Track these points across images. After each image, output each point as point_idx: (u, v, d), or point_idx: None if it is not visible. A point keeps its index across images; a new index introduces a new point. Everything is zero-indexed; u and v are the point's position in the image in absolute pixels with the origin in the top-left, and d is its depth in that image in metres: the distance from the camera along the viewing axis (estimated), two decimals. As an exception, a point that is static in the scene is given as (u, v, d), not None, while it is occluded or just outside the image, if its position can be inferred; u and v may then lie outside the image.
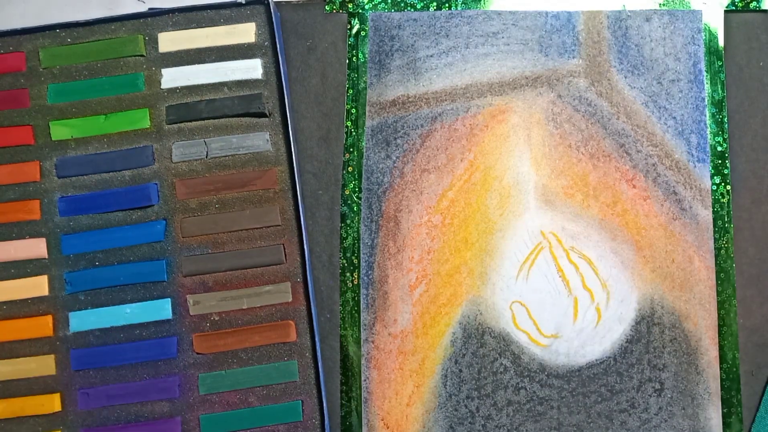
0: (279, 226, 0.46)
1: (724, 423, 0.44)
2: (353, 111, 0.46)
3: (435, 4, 0.47)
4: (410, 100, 0.46)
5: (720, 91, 0.46)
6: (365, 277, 0.45)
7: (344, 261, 0.46)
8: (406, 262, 0.45)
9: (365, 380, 0.45)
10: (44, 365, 0.45)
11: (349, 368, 0.45)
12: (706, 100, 0.46)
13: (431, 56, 0.46)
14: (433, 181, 0.45)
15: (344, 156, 0.46)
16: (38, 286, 0.45)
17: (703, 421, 0.44)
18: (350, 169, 0.46)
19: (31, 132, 0.46)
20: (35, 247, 0.46)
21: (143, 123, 0.46)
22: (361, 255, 0.45)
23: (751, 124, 0.46)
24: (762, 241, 0.45)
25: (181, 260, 0.45)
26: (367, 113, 0.46)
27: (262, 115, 0.46)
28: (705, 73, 0.46)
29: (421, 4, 0.46)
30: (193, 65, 0.46)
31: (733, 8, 0.46)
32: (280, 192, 0.46)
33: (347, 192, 0.46)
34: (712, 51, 0.46)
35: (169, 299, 0.45)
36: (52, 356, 0.45)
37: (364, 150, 0.46)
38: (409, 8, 0.47)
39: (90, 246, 0.46)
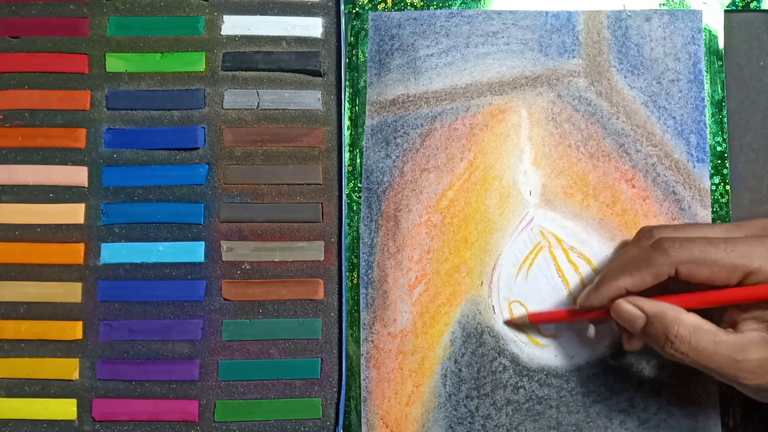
0: (320, 185, 0.46)
1: (723, 423, 0.44)
2: (353, 110, 0.46)
3: (435, 3, 0.47)
4: (410, 99, 0.46)
5: (720, 91, 0.46)
6: (365, 277, 0.45)
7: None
8: (406, 261, 0.45)
9: (364, 380, 0.45)
10: (71, 292, 0.45)
11: (348, 367, 0.45)
12: (705, 100, 0.46)
13: (431, 55, 0.46)
14: (433, 180, 0.45)
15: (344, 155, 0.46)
16: (74, 213, 0.46)
17: (702, 421, 0.44)
18: (350, 168, 0.46)
19: (87, 61, 0.47)
20: (76, 175, 0.46)
21: (198, 66, 0.47)
22: (361, 254, 0.45)
23: (751, 124, 0.46)
24: (761, 241, 0.45)
25: (220, 206, 0.46)
26: (366, 112, 0.46)
27: (317, 73, 0.46)
28: (705, 73, 0.46)
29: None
30: (255, 15, 0.47)
31: (734, 8, 0.46)
32: (325, 152, 0.46)
33: (347, 191, 0.46)
34: (712, 51, 0.46)
35: (203, 243, 0.46)
36: (80, 284, 0.45)
37: (364, 149, 0.46)
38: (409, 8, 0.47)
39: (131, 180, 0.46)
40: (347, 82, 0.46)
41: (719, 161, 0.45)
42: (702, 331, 0.36)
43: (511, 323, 0.44)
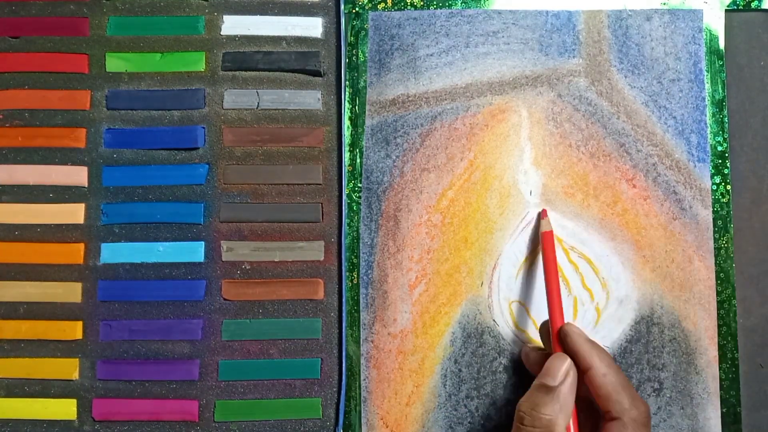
0: (320, 185, 0.46)
1: (723, 423, 0.44)
2: (353, 110, 0.46)
3: (435, 3, 0.47)
4: (410, 99, 0.46)
5: (720, 91, 0.46)
6: (365, 277, 0.45)
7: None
8: (406, 261, 0.45)
9: (365, 380, 0.45)
10: (71, 292, 0.46)
11: (348, 368, 0.45)
12: (706, 99, 0.46)
13: (431, 55, 0.46)
14: (433, 180, 0.45)
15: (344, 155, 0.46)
16: (74, 213, 0.46)
17: (702, 421, 0.44)
18: (350, 168, 0.46)
19: (87, 61, 0.47)
20: (76, 175, 0.46)
21: (198, 66, 0.47)
22: (361, 254, 0.45)
23: (751, 123, 0.46)
24: (762, 241, 0.45)
25: (220, 206, 0.46)
26: (366, 112, 0.46)
27: (317, 73, 0.46)
28: (705, 73, 0.46)
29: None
30: (255, 15, 0.47)
31: (734, 8, 0.46)
32: (325, 152, 0.46)
33: (347, 191, 0.46)
34: (712, 50, 0.46)
35: (203, 243, 0.46)
36: (80, 284, 0.46)
37: (364, 149, 0.46)
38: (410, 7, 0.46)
39: (131, 180, 0.46)
40: (347, 82, 0.46)
41: (720, 161, 0.45)
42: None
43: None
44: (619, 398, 0.36)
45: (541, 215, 0.44)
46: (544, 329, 0.41)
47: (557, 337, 0.39)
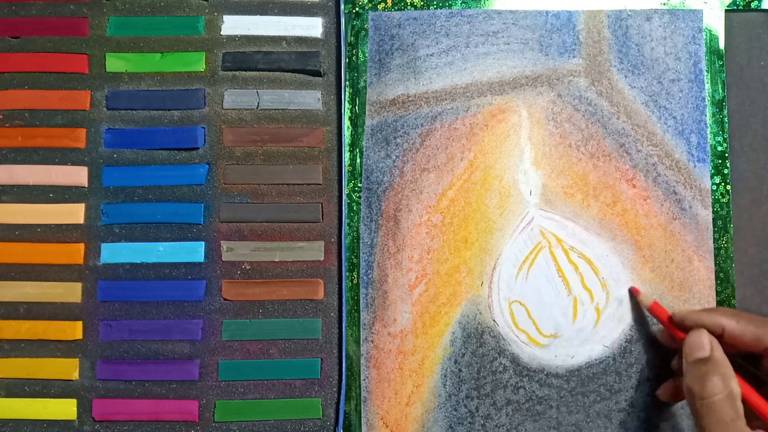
0: (320, 185, 0.46)
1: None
2: (353, 110, 0.46)
3: (435, 3, 0.47)
4: (410, 99, 0.46)
5: (720, 91, 0.46)
6: (365, 277, 0.45)
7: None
8: (406, 261, 0.45)
9: (365, 380, 0.45)
10: (71, 292, 0.46)
11: (348, 367, 0.45)
12: (706, 99, 0.46)
13: (431, 55, 0.46)
14: (433, 180, 0.45)
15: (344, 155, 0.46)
16: (74, 213, 0.46)
17: (702, 421, 0.44)
18: (350, 168, 0.46)
19: (87, 61, 0.47)
20: (76, 175, 0.46)
21: (198, 66, 0.47)
22: (361, 254, 0.45)
23: (751, 124, 0.46)
24: (762, 241, 0.45)
25: (220, 206, 0.46)
26: (366, 112, 0.46)
27: (317, 73, 0.46)
28: (705, 73, 0.46)
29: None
30: (255, 15, 0.47)
31: (734, 8, 0.46)
32: (325, 152, 0.46)
33: (347, 191, 0.46)
34: (712, 50, 0.46)
35: (203, 243, 0.46)
36: (80, 284, 0.46)
37: (364, 149, 0.46)
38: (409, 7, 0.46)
39: (131, 180, 0.46)
40: (347, 82, 0.46)
41: (720, 161, 0.45)
42: (728, 420, 0.36)
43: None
44: (767, 329, 0.38)
45: (634, 292, 0.44)
46: (671, 323, 0.42)
47: (674, 326, 0.41)
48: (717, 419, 0.36)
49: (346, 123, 0.46)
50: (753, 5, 0.46)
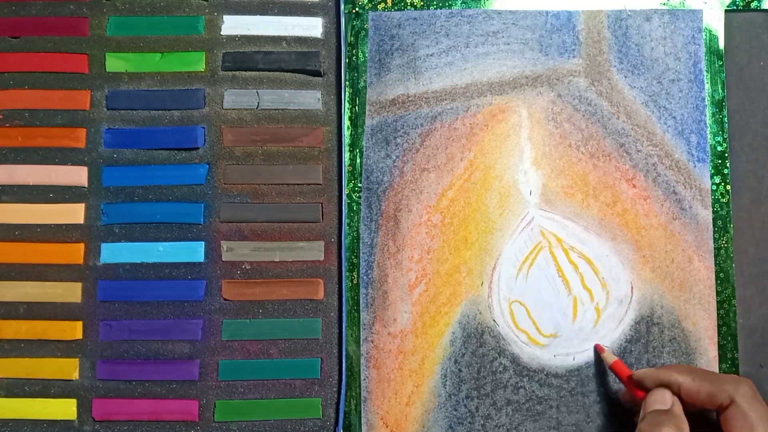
0: (320, 185, 0.46)
1: (723, 423, 0.44)
2: (353, 110, 0.46)
3: (435, 3, 0.47)
4: (410, 99, 0.46)
5: (720, 91, 0.46)
6: (365, 277, 0.45)
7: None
8: (406, 261, 0.45)
9: (365, 380, 0.45)
10: (71, 292, 0.46)
11: (348, 367, 0.45)
12: (706, 99, 0.46)
13: (431, 55, 0.46)
14: (433, 180, 0.45)
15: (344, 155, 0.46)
16: (74, 213, 0.46)
17: (702, 421, 0.44)
18: (350, 168, 0.46)
19: (87, 61, 0.47)
20: (76, 175, 0.46)
21: (198, 66, 0.47)
22: (361, 254, 0.45)
23: (751, 124, 0.46)
24: (762, 241, 0.45)
25: (220, 206, 0.46)
26: (366, 112, 0.46)
27: (317, 73, 0.46)
28: (705, 73, 0.46)
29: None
30: (255, 15, 0.47)
31: (734, 8, 0.46)
32: (325, 152, 0.46)
33: (347, 191, 0.46)
34: (712, 50, 0.46)
35: (203, 243, 0.46)
36: (80, 284, 0.46)
37: (364, 149, 0.46)
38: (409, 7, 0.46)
39: (131, 180, 0.46)
40: (347, 82, 0.46)
41: (720, 161, 0.45)
42: None
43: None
44: (721, 386, 0.37)
45: (598, 349, 0.44)
46: (627, 383, 0.42)
47: (635, 385, 0.41)
48: None
49: (346, 123, 0.46)
50: (753, 5, 0.46)
